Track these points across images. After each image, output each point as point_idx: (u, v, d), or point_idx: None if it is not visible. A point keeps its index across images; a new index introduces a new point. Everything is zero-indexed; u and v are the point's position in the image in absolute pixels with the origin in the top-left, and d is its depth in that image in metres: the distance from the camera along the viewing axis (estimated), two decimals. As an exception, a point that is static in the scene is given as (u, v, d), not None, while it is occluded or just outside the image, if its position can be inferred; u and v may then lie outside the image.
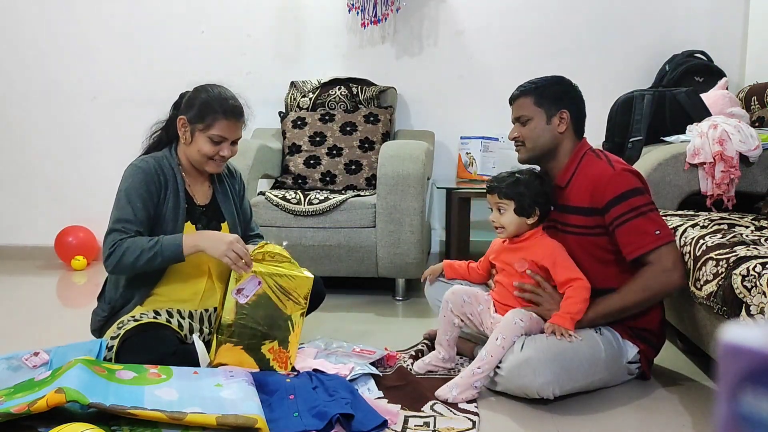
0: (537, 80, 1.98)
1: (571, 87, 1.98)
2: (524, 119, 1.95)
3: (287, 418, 1.58)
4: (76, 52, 3.68)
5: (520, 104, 1.97)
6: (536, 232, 1.93)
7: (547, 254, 1.89)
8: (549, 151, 1.95)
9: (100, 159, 3.66)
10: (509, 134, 2.01)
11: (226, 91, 2.01)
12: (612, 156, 1.95)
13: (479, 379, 1.79)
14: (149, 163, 1.96)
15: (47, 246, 3.64)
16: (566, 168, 1.94)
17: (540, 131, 1.93)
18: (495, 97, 3.51)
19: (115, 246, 1.86)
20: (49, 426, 1.42)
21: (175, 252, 1.85)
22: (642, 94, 2.72)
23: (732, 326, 0.36)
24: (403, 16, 3.53)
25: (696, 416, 1.73)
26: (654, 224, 1.81)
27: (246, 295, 1.87)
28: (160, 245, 1.85)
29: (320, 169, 3.20)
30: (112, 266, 1.87)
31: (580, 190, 1.89)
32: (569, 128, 1.94)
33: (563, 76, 2.00)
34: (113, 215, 1.91)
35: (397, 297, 2.92)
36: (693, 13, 3.44)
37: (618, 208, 1.82)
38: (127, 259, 1.84)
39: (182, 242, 1.86)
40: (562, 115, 1.93)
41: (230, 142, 1.99)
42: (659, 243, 1.80)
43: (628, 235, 1.81)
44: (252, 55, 3.61)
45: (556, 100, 1.94)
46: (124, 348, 1.80)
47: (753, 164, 2.44)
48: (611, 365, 1.84)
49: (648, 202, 1.84)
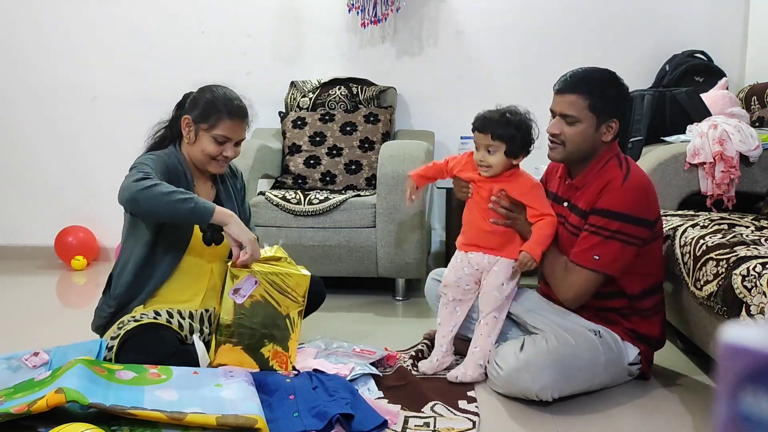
0: (592, 76, 1.83)
1: (625, 91, 1.87)
2: (572, 120, 1.82)
3: (287, 418, 1.58)
4: (76, 52, 3.67)
5: (572, 102, 1.81)
6: (516, 169, 1.95)
7: (524, 191, 1.92)
8: (585, 156, 1.87)
9: (101, 159, 3.65)
10: (550, 127, 1.86)
11: (231, 92, 2.01)
12: (635, 168, 1.85)
13: (480, 357, 1.89)
14: (162, 157, 1.96)
15: (47, 246, 3.64)
16: (588, 171, 1.87)
17: (585, 137, 1.82)
18: (495, 97, 3.46)
19: (149, 176, 1.78)
20: (49, 426, 1.42)
21: (207, 208, 1.80)
22: (642, 94, 2.72)
23: (732, 326, 0.36)
24: (403, 16, 3.52)
25: (696, 416, 1.73)
26: (600, 249, 1.78)
27: (243, 295, 1.87)
28: (194, 196, 1.80)
29: (320, 169, 3.20)
30: (138, 189, 1.75)
31: (590, 194, 1.85)
32: (612, 137, 1.85)
33: (614, 72, 1.86)
34: (136, 167, 1.84)
35: (397, 297, 2.92)
36: (693, 13, 3.44)
37: (593, 218, 1.81)
38: (160, 189, 1.75)
39: (215, 208, 1.81)
40: (612, 125, 1.83)
41: (234, 142, 1.99)
42: (586, 265, 1.80)
43: (578, 241, 1.83)
44: (252, 55, 3.61)
45: (612, 107, 1.81)
46: (125, 348, 1.80)
47: (753, 164, 2.44)
48: (611, 368, 1.84)
49: (621, 230, 1.76)
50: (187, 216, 1.80)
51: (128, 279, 1.94)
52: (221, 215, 1.82)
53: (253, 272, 1.87)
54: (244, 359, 1.86)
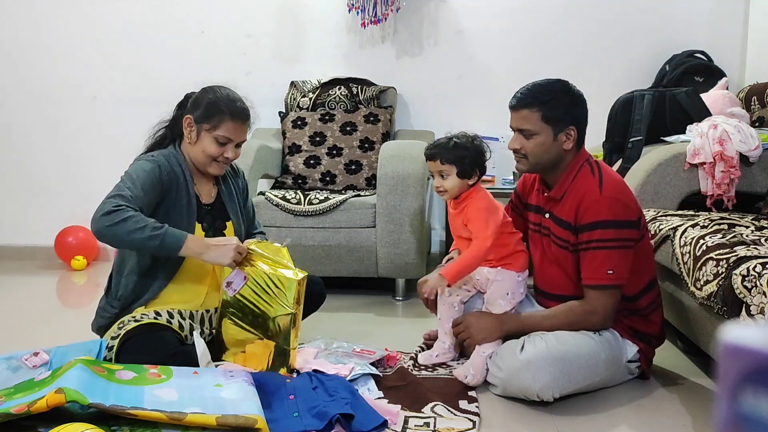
0: (542, 88, 1.87)
1: (578, 98, 1.89)
2: (528, 134, 1.86)
3: (287, 418, 1.58)
4: (76, 52, 3.67)
5: (525, 117, 1.86)
6: (474, 190, 1.97)
7: (471, 214, 1.94)
8: (552, 165, 1.90)
9: (101, 159, 3.65)
10: (510, 144, 1.92)
11: (234, 93, 2.01)
12: (607, 173, 1.88)
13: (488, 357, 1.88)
14: (159, 159, 1.95)
15: (47, 246, 3.64)
16: (563, 180, 1.90)
17: (546, 148, 1.86)
18: (495, 97, 3.50)
19: (120, 208, 1.76)
20: (49, 426, 1.42)
21: (174, 246, 1.79)
22: (642, 94, 2.72)
23: (732, 326, 0.36)
24: (403, 16, 3.53)
25: (696, 416, 1.73)
26: (611, 262, 1.79)
27: (234, 289, 1.90)
28: (164, 231, 1.78)
29: (320, 169, 3.20)
30: (105, 225, 1.74)
31: (570, 205, 1.86)
32: (574, 144, 1.88)
33: (567, 81, 1.90)
34: (118, 187, 1.84)
35: (397, 297, 2.92)
36: (693, 13, 3.44)
37: (586, 235, 1.82)
38: (127, 226, 1.74)
39: (185, 242, 1.80)
40: (570, 132, 1.86)
41: (235, 144, 1.99)
42: (604, 283, 1.80)
43: (585, 263, 1.83)
44: (252, 55, 3.61)
45: (565, 116, 1.85)
46: (125, 348, 1.80)
47: (753, 164, 2.44)
48: (611, 366, 1.85)
49: (618, 237, 1.79)
50: (155, 252, 1.84)
51: (132, 281, 1.93)
52: (193, 250, 1.82)
53: (244, 268, 1.89)
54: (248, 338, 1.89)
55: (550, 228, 1.94)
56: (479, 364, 1.88)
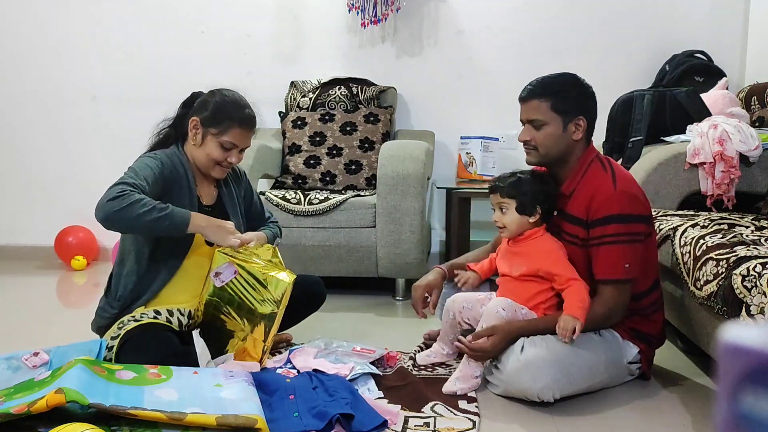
0: (552, 80, 1.88)
1: (588, 90, 1.90)
2: (538, 124, 1.86)
3: (287, 418, 1.58)
4: (76, 52, 3.68)
5: (535, 107, 1.87)
6: (537, 231, 1.91)
7: (541, 257, 1.87)
8: (561, 157, 1.90)
9: (100, 159, 3.65)
10: (520, 135, 1.92)
11: (243, 98, 2.01)
12: (618, 169, 1.88)
13: (476, 367, 1.85)
14: (162, 158, 1.95)
15: (47, 246, 3.64)
16: (573, 176, 1.90)
17: (555, 138, 1.86)
18: (495, 97, 3.52)
19: (125, 193, 1.76)
20: (49, 426, 1.42)
21: (182, 222, 1.80)
22: (642, 94, 2.72)
23: (732, 326, 0.36)
24: (403, 16, 3.53)
25: (696, 416, 1.73)
26: (626, 257, 1.79)
27: (222, 281, 1.91)
28: (171, 210, 1.79)
29: (320, 169, 3.20)
30: (113, 210, 1.74)
31: (581, 201, 1.86)
32: (583, 135, 1.89)
33: (576, 74, 1.90)
34: (121, 177, 1.84)
35: (397, 297, 2.92)
36: (693, 13, 3.44)
37: (599, 229, 1.81)
38: (134, 210, 1.74)
39: (191, 219, 1.82)
40: (579, 123, 1.86)
41: (239, 149, 1.99)
42: (621, 277, 1.80)
43: (599, 258, 1.82)
44: (252, 55, 3.61)
45: (575, 106, 1.86)
46: (125, 349, 1.80)
47: (753, 164, 2.44)
48: (611, 367, 1.85)
49: (631, 231, 1.80)
50: (164, 233, 1.83)
51: (132, 281, 1.93)
52: (198, 224, 1.84)
53: (235, 262, 1.90)
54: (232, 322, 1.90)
55: (560, 225, 1.94)
56: (467, 375, 1.85)
